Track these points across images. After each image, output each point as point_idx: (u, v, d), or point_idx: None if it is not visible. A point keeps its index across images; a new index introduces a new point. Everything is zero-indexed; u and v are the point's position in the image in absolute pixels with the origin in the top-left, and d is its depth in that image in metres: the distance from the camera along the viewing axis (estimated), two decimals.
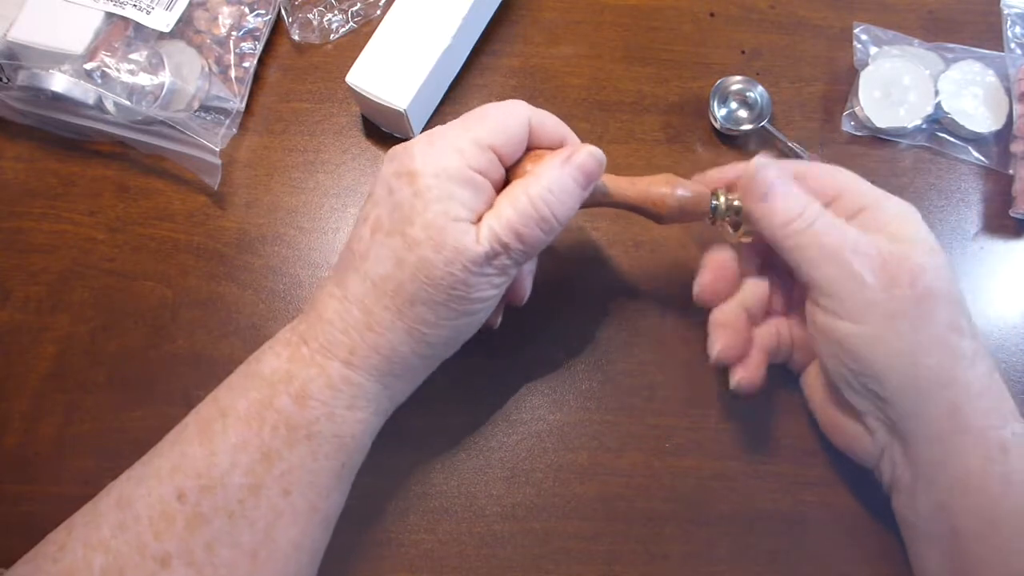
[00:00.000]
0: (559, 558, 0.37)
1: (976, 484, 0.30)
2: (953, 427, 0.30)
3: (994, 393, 0.31)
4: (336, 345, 0.30)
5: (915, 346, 0.30)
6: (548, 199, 0.30)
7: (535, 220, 0.30)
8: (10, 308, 0.41)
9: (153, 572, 0.27)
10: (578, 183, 0.31)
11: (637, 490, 0.39)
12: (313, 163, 0.45)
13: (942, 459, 0.31)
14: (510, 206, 0.30)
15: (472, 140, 0.30)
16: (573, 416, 0.40)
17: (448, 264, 0.29)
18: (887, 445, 0.33)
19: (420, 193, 0.29)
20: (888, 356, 0.30)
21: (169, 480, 0.29)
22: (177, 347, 0.41)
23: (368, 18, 0.48)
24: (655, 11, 0.49)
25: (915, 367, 0.30)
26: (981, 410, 0.30)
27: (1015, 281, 0.43)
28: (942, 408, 0.30)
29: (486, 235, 0.29)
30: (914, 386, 0.30)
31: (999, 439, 0.30)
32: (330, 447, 0.30)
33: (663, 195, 0.34)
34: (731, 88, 0.46)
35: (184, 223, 0.43)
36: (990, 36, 0.47)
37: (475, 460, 0.39)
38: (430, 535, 0.38)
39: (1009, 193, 0.44)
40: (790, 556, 0.37)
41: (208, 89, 0.44)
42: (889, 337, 0.30)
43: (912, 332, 0.30)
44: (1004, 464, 0.30)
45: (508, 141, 0.31)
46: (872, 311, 0.30)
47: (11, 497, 0.38)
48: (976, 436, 0.30)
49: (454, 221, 0.29)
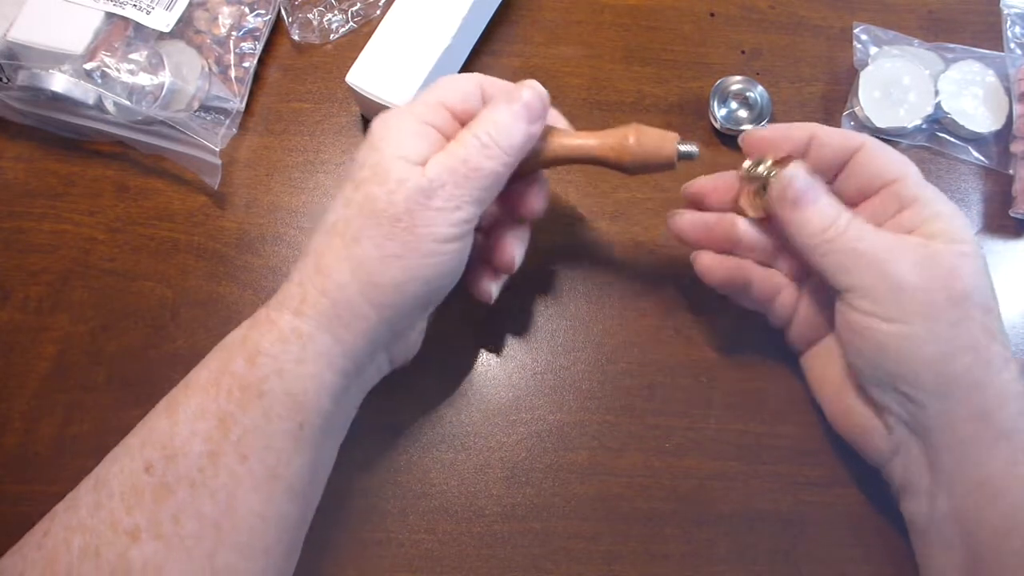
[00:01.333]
0: (559, 558, 0.37)
1: (999, 487, 0.30)
2: (980, 431, 0.30)
3: (1021, 398, 0.31)
4: (289, 298, 0.30)
5: (950, 347, 0.30)
6: (489, 129, 0.31)
7: (476, 147, 0.31)
8: (10, 308, 0.41)
9: (125, 547, 0.27)
10: (519, 116, 0.32)
11: (637, 490, 0.39)
12: (313, 163, 0.45)
13: (965, 462, 0.31)
14: (456, 142, 0.31)
15: (423, 100, 0.33)
16: (573, 416, 0.40)
17: (391, 193, 0.30)
18: (903, 445, 0.33)
19: (373, 144, 0.31)
20: (924, 356, 0.30)
21: (139, 454, 0.29)
22: (177, 347, 0.41)
23: (368, 18, 0.48)
24: (655, 11, 0.49)
25: (949, 368, 0.30)
26: (1008, 414, 0.30)
27: (1015, 281, 0.43)
28: (971, 411, 0.30)
29: (431, 167, 0.30)
30: (946, 387, 0.31)
31: (1023, 443, 0.30)
32: (282, 407, 0.29)
33: (623, 141, 0.34)
34: (731, 88, 0.46)
35: (184, 223, 0.43)
36: (990, 36, 0.47)
37: (475, 460, 0.39)
38: (430, 535, 0.38)
39: (1009, 193, 0.44)
40: (790, 556, 0.37)
41: (208, 89, 0.44)
42: (926, 337, 0.30)
43: (948, 333, 0.30)
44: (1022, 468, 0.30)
45: (458, 97, 0.33)
46: (910, 312, 0.30)
47: (11, 497, 0.38)
48: (1002, 440, 0.30)
49: (399, 159, 0.30)
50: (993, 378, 0.30)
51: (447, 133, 0.32)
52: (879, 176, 0.33)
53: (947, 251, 0.31)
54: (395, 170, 0.30)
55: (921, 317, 0.30)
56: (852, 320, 0.32)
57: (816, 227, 0.32)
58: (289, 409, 0.29)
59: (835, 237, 0.31)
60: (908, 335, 0.30)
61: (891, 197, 0.33)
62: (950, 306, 0.30)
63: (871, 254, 0.31)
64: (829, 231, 0.32)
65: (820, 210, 0.32)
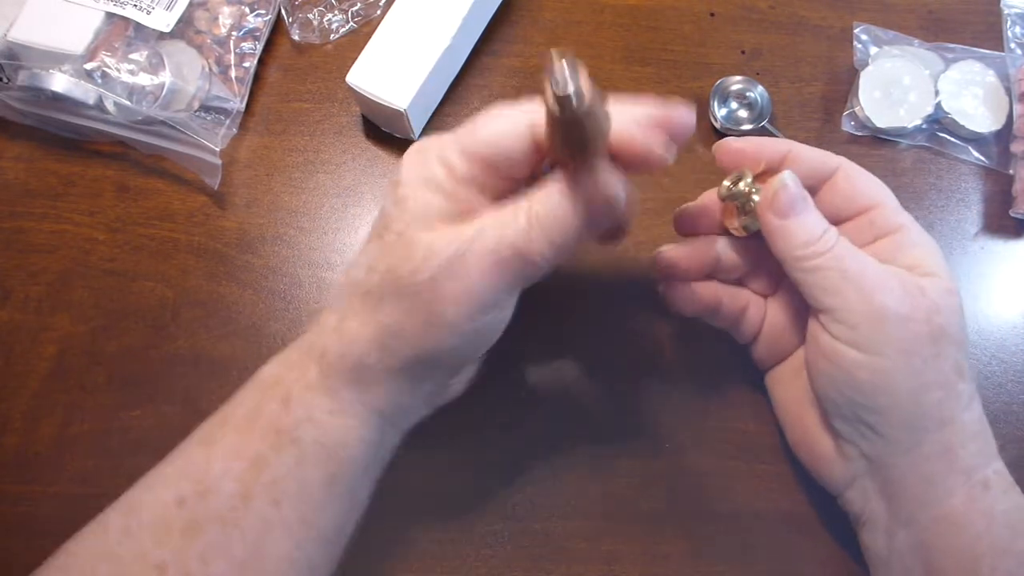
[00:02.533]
0: (559, 558, 0.37)
1: (960, 523, 0.30)
2: (942, 468, 0.30)
3: (984, 435, 0.31)
4: (313, 348, 0.30)
5: (923, 383, 0.30)
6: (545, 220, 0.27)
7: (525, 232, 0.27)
8: (10, 308, 0.41)
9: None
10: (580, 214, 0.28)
11: (637, 490, 0.39)
12: (313, 163, 0.45)
13: (927, 498, 0.30)
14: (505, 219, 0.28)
15: (459, 151, 0.28)
16: (573, 416, 0.40)
17: (414, 273, 0.27)
18: (860, 477, 0.32)
19: (399, 202, 0.28)
20: (896, 390, 0.30)
21: (174, 485, 0.28)
22: (177, 347, 0.41)
23: (368, 18, 0.48)
24: (655, 11, 0.49)
25: (920, 405, 0.30)
26: (969, 452, 0.30)
27: (1015, 281, 0.43)
28: (936, 447, 0.30)
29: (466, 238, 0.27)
30: (914, 423, 0.30)
31: (983, 478, 0.30)
32: (315, 455, 0.29)
33: None
34: (731, 88, 0.46)
35: (184, 223, 0.43)
36: (990, 36, 0.47)
37: (475, 460, 0.39)
38: (430, 535, 0.38)
39: (1009, 193, 0.44)
40: (790, 556, 0.37)
41: (208, 89, 0.44)
42: (899, 372, 0.29)
43: (922, 369, 0.29)
44: (985, 501, 0.30)
45: (499, 156, 0.28)
46: (887, 344, 0.29)
47: (11, 497, 0.38)
48: (965, 476, 0.30)
49: (426, 229, 0.28)
50: (959, 415, 0.30)
51: (483, 187, 0.29)
52: (856, 201, 0.32)
53: (932, 285, 0.30)
54: (421, 244, 0.27)
55: (899, 350, 0.29)
56: (824, 344, 0.31)
57: (804, 239, 0.30)
58: (321, 459, 0.29)
59: (823, 252, 0.30)
60: (883, 368, 0.29)
61: (867, 224, 0.32)
62: (929, 341, 0.29)
63: (858, 278, 0.30)
64: (817, 245, 0.30)
65: (809, 221, 0.31)
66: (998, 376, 0.41)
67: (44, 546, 0.37)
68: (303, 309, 0.42)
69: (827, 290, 0.30)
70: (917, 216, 0.44)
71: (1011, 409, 0.40)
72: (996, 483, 0.30)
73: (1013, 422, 0.40)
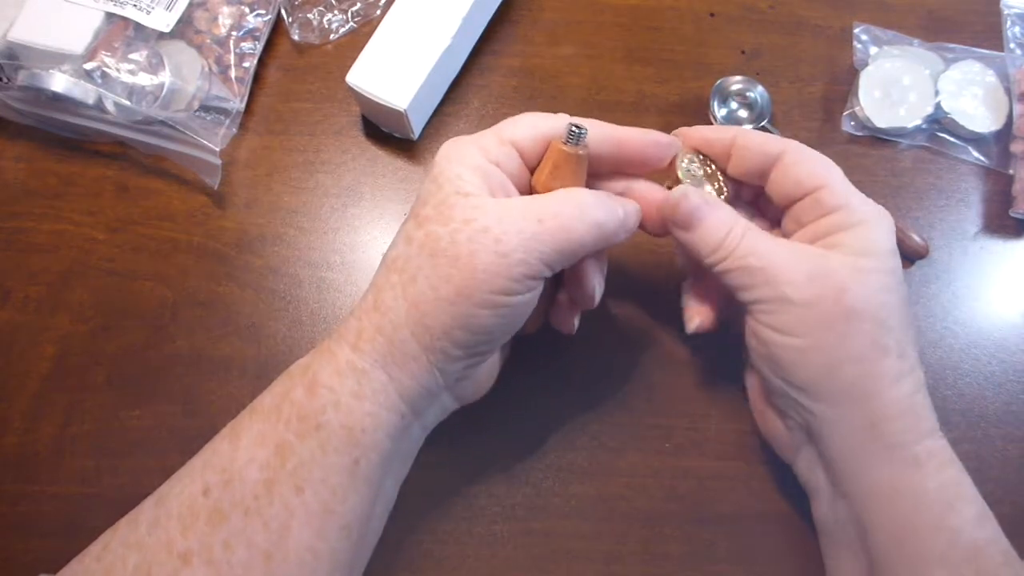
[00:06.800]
0: (559, 558, 0.37)
1: (888, 497, 0.31)
2: (866, 441, 0.31)
3: (915, 412, 0.31)
4: (348, 330, 0.30)
5: (836, 360, 0.31)
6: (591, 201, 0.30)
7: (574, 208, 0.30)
8: (10, 308, 0.41)
9: (176, 569, 0.27)
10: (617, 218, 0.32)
11: (637, 490, 0.39)
12: (313, 163, 0.45)
13: (856, 472, 0.31)
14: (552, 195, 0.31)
15: (493, 133, 0.31)
16: (573, 416, 0.40)
17: (454, 232, 0.29)
18: (802, 448, 0.34)
19: (435, 178, 0.30)
20: (811, 368, 0.31)
21: (200, 476, 0.29)
22: (177, 347, 0.41)
23: (368, 18, 0.48)
24: (655, 11, 0.49)
25: (834, 380, 0.31)
26: (896, 428, 0.31)
27: (1015, 281, 0.43)
28: (858, 422, 0.31)
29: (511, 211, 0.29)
30: (833, 398, 0.31)
31: (913, 455, 0.30)
32: (338, 440, 0.29)
33: None
34: (731, 88, 0.46)
35: (184, 223, 0.43)
36: (990, 36, 0.47)
37: (475, 460, 0.39)
38: (430, 535, 0.38)
39: (1009, 193, 0.44)
40: (790, 556, 0.37)
41: (208, 89, 0.44)
42: (814, 350, 0.31)
43: (835, 346, 0.31)
44: (915, 477, 0.30)
45: (526, 136, 0.31)
46: (800, 326, 0.31)
47: (11, 497, 0.38)
48: (891, 451, 0.31)
49: (464, 196, 0.29)
50: (883, 391, 0.31)
51: (514, 174, 0.31)
52: (804, 183, 0.33)
53: (841, 264, 0.31)
54: (460, 208, 0.29)
55: (809, 329, 0.31)
56: (754, 329, 0.33)
57: (711, 245, 0.32)
58: (345, 443, 0.29)
59: (728, 253, 0.32)
60: (798, 347, 0.31)
61: (814, 203, 0.33)
62: (839, 319, 0.30)
63: (765, 269, 0.31)
64: (721, 249, 0.32)
65: (712, 227, 0.32)
66: (998, 376, 0.41)
67: (44, 546, 0.37)
68: (303, 309, 0.42)
69: (741, 286, 0.32)
70: (917, 216, 0.44)
71: (1011, 409, 0.40)
72: (928, 460, 0.30)
73: (1013, 422, 0.40)
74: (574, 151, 0.31)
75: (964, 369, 0.41)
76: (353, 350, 0.30)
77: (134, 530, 0.29)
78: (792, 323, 0.31)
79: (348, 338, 0.30)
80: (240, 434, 0.29)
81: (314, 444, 0.29)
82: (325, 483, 0.29)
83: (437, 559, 0.37)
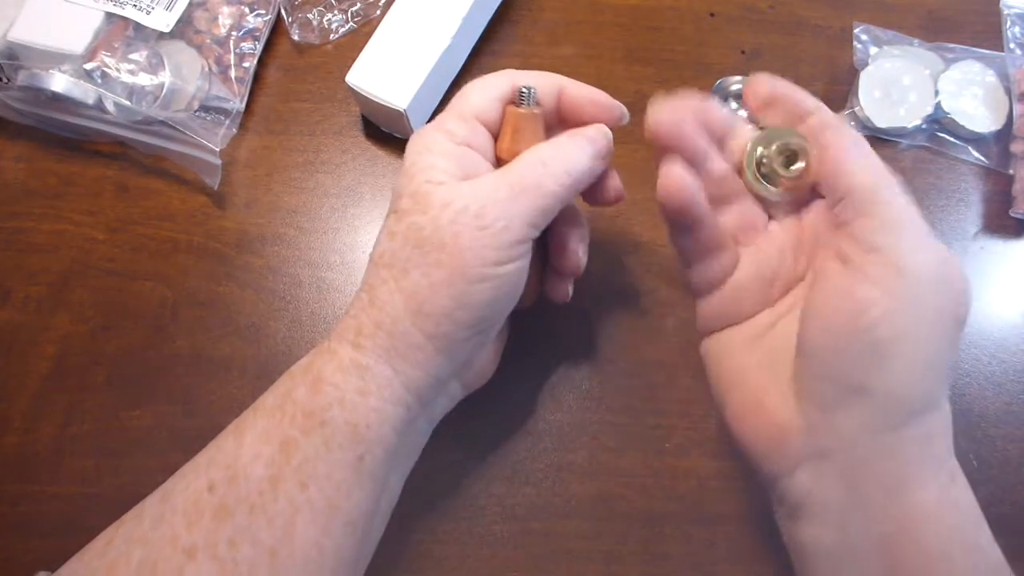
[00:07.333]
0: (559, 558, 0.37)
1: (932, 515, 0.27)
2: (922, 453, 0.28)
3: (951, 431, 0.29)
4: (347, 329, 0.30)
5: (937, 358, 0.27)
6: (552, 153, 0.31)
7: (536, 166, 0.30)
8: (10, 308, 0.41)
9: (181, 565, 0.27)
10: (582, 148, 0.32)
11: (637, 490, 0.39)
12: (313, 163, 0.45)
13: (902, 486, 0.27)
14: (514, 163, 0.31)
15: (453, 113, 0.32)
16: (573, 416, 0.40)
17: (435, 219, 0.29)
18: (816, 458, 0.28)
19: (407, 171, 0.31)
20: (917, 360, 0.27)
21: (205, 472, 0.29)
22: (177, 347, 0.41)
23: (368, 18, 0.48)
24: (655, 11, 0.49)
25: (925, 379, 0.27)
26: (946, 443, 0.28)
27: (1015, 281, 0.43)
28: (920, 430, 0.27)
29: (481, 185, 0.30)
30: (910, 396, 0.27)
31: (951, 468, 0.28)
32: (343, 437, 0.29)
33: None
34: (731, 88, 0.46)
35: (184, 223, 0.43)
36: (990, 36, 0.47)
37: (475, 460, 0.39)
38: (430, 535, 0.38)
39: (1009, 193, 0.44)
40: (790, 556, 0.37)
41: (208, 89, 0.44)
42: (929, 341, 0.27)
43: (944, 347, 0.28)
44: (952, 492, 0.28)
45: (488, 106, 0.32)
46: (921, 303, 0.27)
47: (11, 497, 0.38)
48: (939, 465, 0.28)
49: (437, 184, 0.30)
50: (944, 403, 0.28)
51: (482, 148, 0.32)
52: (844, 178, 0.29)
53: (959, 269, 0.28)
54: (436, 195, 0.29)
55: (926, 313, 0.27)
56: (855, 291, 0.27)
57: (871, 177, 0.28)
58: (350, 440, 0.29)
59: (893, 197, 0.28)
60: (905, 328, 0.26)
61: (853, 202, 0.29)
62: (952, 324, 0.28)
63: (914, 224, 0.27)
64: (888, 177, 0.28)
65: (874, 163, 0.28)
66: (998, 376, 0.41)
67: (44, 546, 0.37)
68: (303, 309, 0.42)
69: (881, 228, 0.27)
70: None
71: (1011, 409, 0.40)
72: (957, 474, 0.28)
73: (1013, 422, 0.40)
74: (528, 111, 0.32)
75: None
76: (354, 348, 0.30)
77: (138, 525, 0.29)
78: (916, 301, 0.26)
79: (348, 336, 0.30)
80: (244, 431, 0.29)
81: (319, 440, 0.29)
82: (330, 479, 0.29)
83: (437, 559, 0.37)
